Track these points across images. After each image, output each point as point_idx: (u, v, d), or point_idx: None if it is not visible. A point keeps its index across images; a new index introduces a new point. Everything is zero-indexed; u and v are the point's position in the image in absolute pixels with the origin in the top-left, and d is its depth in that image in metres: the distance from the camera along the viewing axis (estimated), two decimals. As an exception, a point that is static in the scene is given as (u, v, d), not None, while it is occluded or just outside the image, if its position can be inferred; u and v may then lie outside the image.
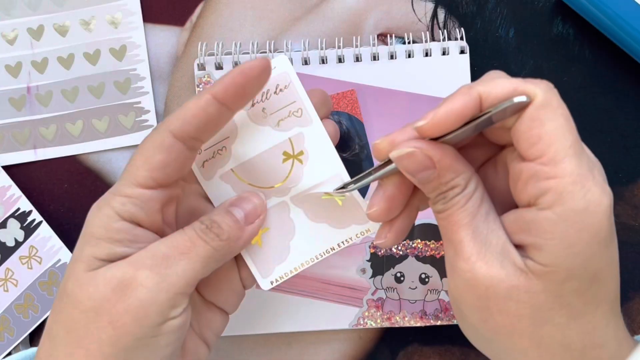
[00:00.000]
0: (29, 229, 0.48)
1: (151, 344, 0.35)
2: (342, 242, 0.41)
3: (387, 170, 0.35)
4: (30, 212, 0.48)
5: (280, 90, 0.39)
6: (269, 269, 0.41)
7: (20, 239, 0.48)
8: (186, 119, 0.35)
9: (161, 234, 0.37)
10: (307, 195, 0.40)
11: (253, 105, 0.39)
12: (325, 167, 0.40)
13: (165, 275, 0.35)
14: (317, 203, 0.40)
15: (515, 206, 0.34)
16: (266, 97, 0.39)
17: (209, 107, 0.36)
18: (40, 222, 0.48)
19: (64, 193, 0.49)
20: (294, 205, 0.41)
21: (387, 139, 0.34)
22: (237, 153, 0.40)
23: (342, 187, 0.39)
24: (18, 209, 0.48)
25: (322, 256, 0.41)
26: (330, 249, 0.41)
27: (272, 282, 0.41)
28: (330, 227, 0.41)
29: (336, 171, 0.40)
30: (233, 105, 0.36)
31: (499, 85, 0.32)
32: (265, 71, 0.36)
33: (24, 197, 0.48)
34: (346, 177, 0.40)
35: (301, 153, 0.40)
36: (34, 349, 0.41)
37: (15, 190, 0.48)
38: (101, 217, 0.35)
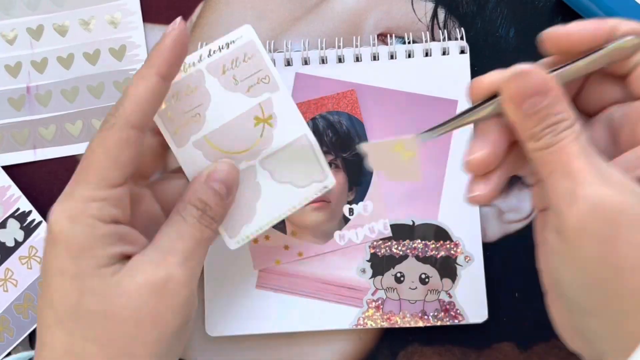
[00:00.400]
0: (29, 229, 0.48)
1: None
2: (303, 199, 0.43)
3: (483, 113, 0.33)
4: (30, 212, 0.48)
5: (249, 58, 0.42)
6: (236, 229, 0.42)
7: (20, 239, 0.48)
8: (143, 108, 0.35)
9: (132, 225, 0.37)
10: (275, 157, 0.42)
11: (224, 72, 0.41)
12: (293, 128, 0.42)
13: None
14: (282, 164, 0.43)
15: None
16: (236, 65, 0.42)
17: (160, 88, 0.36)
18: (40, 222, 0.48)
19: (63, 193, 0.49)
20: (261, 168, 0.43)
21: (489, 75, 0.33)
22: (211, 119, 0.42)
23: (429, 131, 0.37)
24: (18, 209, 0.48)
25: (284, 214, 0.43)
26: (293, 207, 0.43)
27: (238, 242, 0.42)
28: (292, 187, 0.43)
29: (302, 132, 0.43)
30: (173, 77, 0.37)
31: (631, 22, 0.31)
32: (186, 33, 0.37)
33: (23, 197, 0.48)
34: (311, 137, 0.42)
35: (270, 117, 0.42)
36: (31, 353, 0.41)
37: (15, 191, 0.48)
38: (83, 229, 0.35)
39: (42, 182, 0.49)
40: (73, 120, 0.49)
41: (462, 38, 0.48)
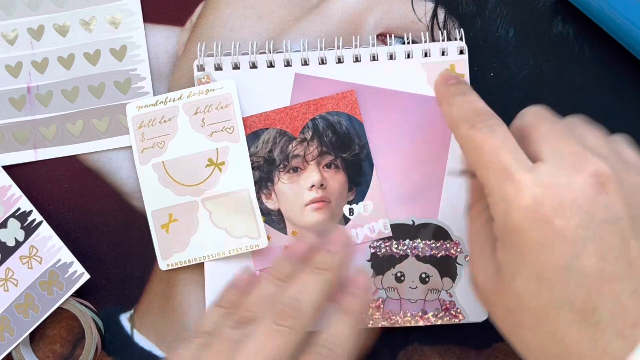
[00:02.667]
0: (29, 229, 0.48)
1: None
2: (233, 250, 0.47)
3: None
4: (30, 212, 0.48)
5: (222, 107, 0.47)
6: (169, 253, 0.47)
7: (21, 239, 0.48)
8: None
9: None
10: (217, 200, 0.47)
11: (196, 114, 0.47)
12: (239, 180, 0.47)
13: None
14: (222, 209, 0.47)
15: None
16: (208, 110, 0.47)
17: None
18: (40, 222, 0.48)
19: (64, 193, 0.49)
20: (202, 207, 0.47)
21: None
22: (172, 149, 0.47)
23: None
24: (18, 209, 0.48)
25: (212, 257, 0.47)
26: (222, 253, 0.47)
27: (168, 265, 0.47)
28: (227, 234, 0.47)
29: (247, 186, 0.47)
30: None
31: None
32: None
33: (24, 197, 0.48)
34: (253, 194, 0.47)
35: (222, 163, 0.47)
36: None
37: (15, 190, 0.48)
38: None
39: (43, 182, 0.49)
40: (74, 120, 0.49)
41: (461, 38, 0.48)
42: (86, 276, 0.47)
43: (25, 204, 0.48)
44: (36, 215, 0.48)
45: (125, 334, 0.48)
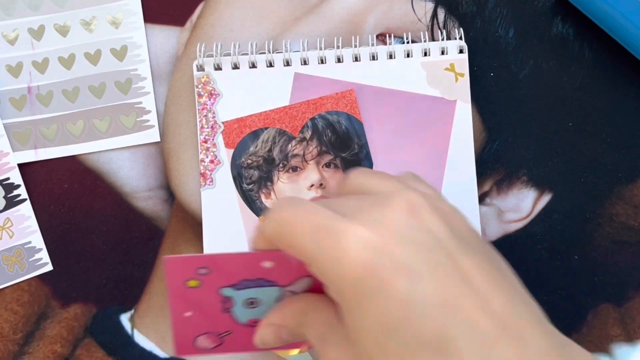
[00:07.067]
0: (12, 202, 0.48)
1: None
2: None
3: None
4: (18, 186, 0.48)
5: None
6: None
7: (0, 208, 0.48)
8: None
9: None
10: None
11: None
12: None
13: None
14: None
15: None
16: None
17: None
18: (24, 200, 0.48)
19: (64, 193, 0.49)
20: None
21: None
22: None
23: None
24: (7, 178, 0.48)
25: None
26: None
27: None
28: None
29: None
30: None
31: None
32: None
33: (17, 170, 0.48)
34: None
35: None
36: None
37: (11, 159, 0.48)
38: None
39: (43, 182, 0.49)
40: (74, 120, 0.49)
41: (461, 38, 0.48)
42: (49, 267, 0.48)
43: (16, 177, 0.48)
44: (22, 192, 0.48)
45: (126, 334, 0.48)
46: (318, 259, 0.31)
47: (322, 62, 0.48)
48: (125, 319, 0.48)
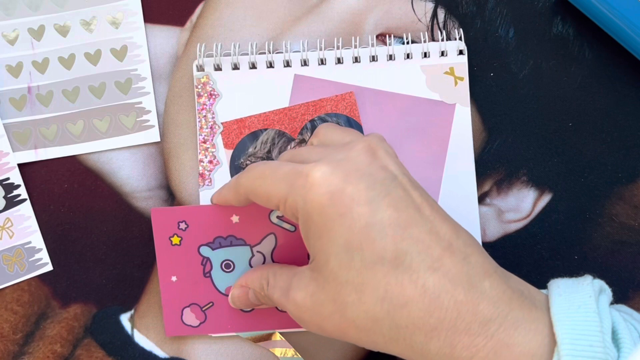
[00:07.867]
0: (12, 202, 0.48)
1: None
2: None
3: None
4: (18, 186, 0.48)
5: None
6: None
7: (0, 208, 0.48)
8: None
9: None
10: None
11: None
12: None
13: None
14: None
15: None
16: None
17: None
18: (24, 200, 0.48)
19: (64, 193, 0.49)
20: None
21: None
22: None
23: None
24: (7, 179, 0.48)
25: None
26: None
27: None
28: None
29: None
30: None
31: None
32: None
33: (17, 170, 0.48)
34: None
35: None
36: None
37: (11, 159, 0.48)
38: None
39: (43, 182, 0.49)
40: (74, 120, 0.49)
41: (460, 38, 0.48)
42: (49, 267, 0.48)
43: (16, 177, 0.48)
44: (22, 192, 0.48)
45: (126, 334, 0.48)
46: (291, 196, 0.37)
47: (322, 63, 0.48)
48: (125, 319, 0.48)
